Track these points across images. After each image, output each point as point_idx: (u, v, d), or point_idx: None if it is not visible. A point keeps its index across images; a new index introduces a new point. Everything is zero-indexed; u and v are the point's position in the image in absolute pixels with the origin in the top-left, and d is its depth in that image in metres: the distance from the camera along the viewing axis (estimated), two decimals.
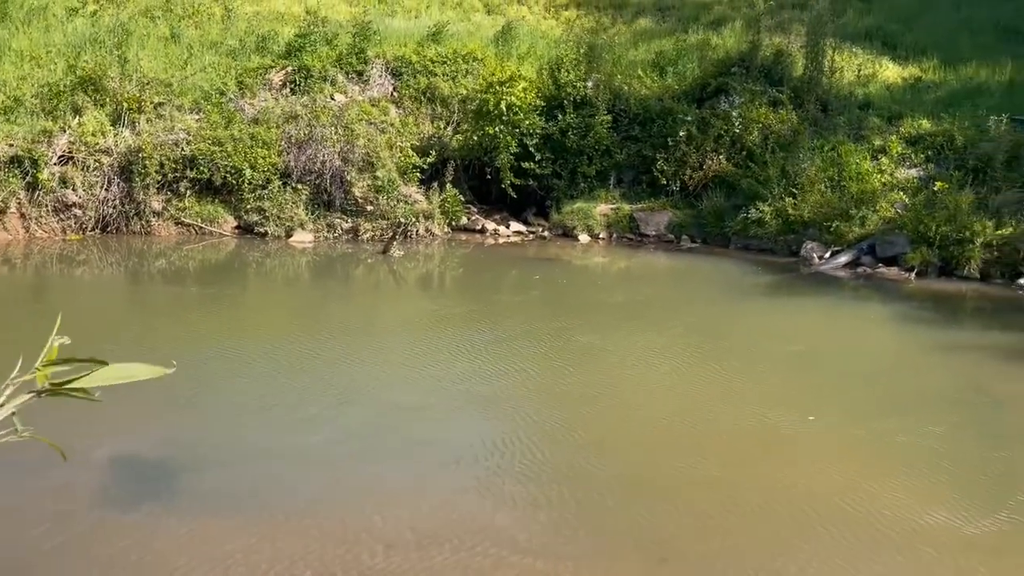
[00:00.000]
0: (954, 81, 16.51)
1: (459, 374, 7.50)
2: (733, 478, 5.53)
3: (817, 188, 13.65)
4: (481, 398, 6.94)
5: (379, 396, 6.96)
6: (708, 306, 10.89)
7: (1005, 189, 12.78)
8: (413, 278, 12.54)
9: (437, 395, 6.99)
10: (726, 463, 5.77)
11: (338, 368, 7.69)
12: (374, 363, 7.97)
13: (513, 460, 5.67)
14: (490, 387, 7.20)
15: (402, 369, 7.73)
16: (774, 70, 15.70)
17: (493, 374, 7.56)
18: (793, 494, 5.31)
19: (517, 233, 15.21)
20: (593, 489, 5.31)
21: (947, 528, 4.89)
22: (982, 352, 8.81)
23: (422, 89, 16.08)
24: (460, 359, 7.96)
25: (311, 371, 7.54)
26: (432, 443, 6.03)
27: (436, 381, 7.33)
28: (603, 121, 15.09)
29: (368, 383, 7.34)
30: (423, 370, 7.63)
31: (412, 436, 6.12)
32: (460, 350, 8.29)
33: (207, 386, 6.94)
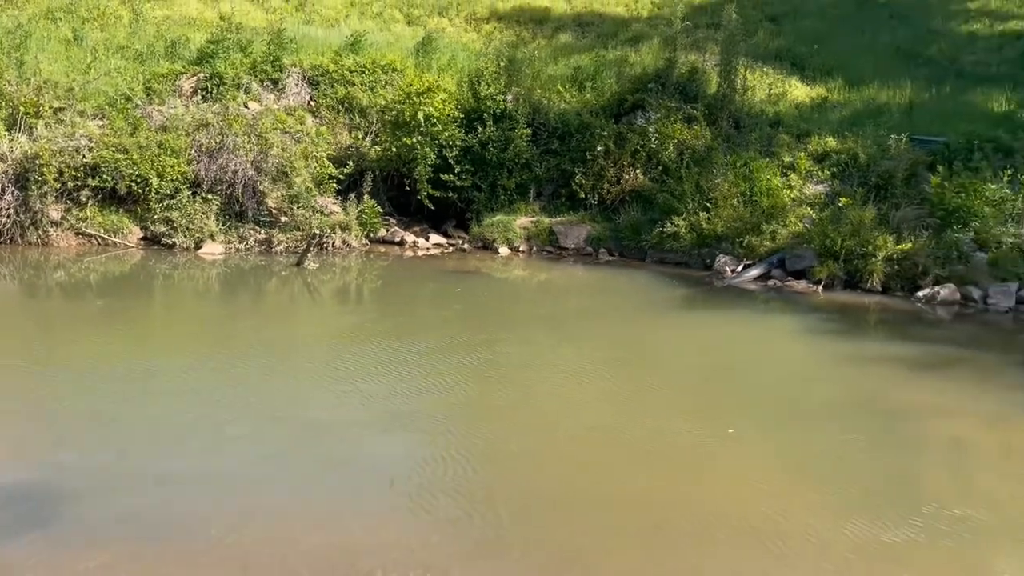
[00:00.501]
0: (858, 101, 17.20)
1: (380, 390, 7.32)
2: (652, 493, 5.53)
3: (730, 203, 13.98)
4: (404, 414, 6.79)
5: (298, 414, 6.72)
6: (626, 319, 10.99)
7: (904, 205, 13.33)
8: (329, 291, 12.27)
9: (358, 412, 6.79)
10: (645, 477, 5.78)
11: (254, 386, 7.42)
12: (292, 380, 7.72)
13: (438, 478, 5.55)
14: (413, 403, 7.06)
15: (322, 386, 7.50)
16: (689, 87, 16.05)
17: (416, 389, 7.42)
18: (708, 508, 5.34)
19: (437, 245, 15.10)
20: (517, 507, 5.25)
21: (860, 540, 4.96)
22: (884, 364, 9.12)
23: (340, 99, 15.84)
24: (381, 375, 7.79)
25: (225, 389, 7.25)
26: (355, 462, 5.86)
27: (357, 398, 7.13)
28: (523, 135, 15.14)
29: (286, 401, 7.09)
30: (343, 387, 7.42)
31: (335, 455, 5.94)
32: (381, 365, 8.12)
33: (113, 407, 6.59)
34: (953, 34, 20.42)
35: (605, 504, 5.36)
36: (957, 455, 6.52)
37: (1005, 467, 6.37)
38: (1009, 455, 6.60)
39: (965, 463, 6.36)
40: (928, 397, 7.89)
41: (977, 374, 8.78)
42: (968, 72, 18.63)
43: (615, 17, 21.58)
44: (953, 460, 6.42)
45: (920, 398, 7.86)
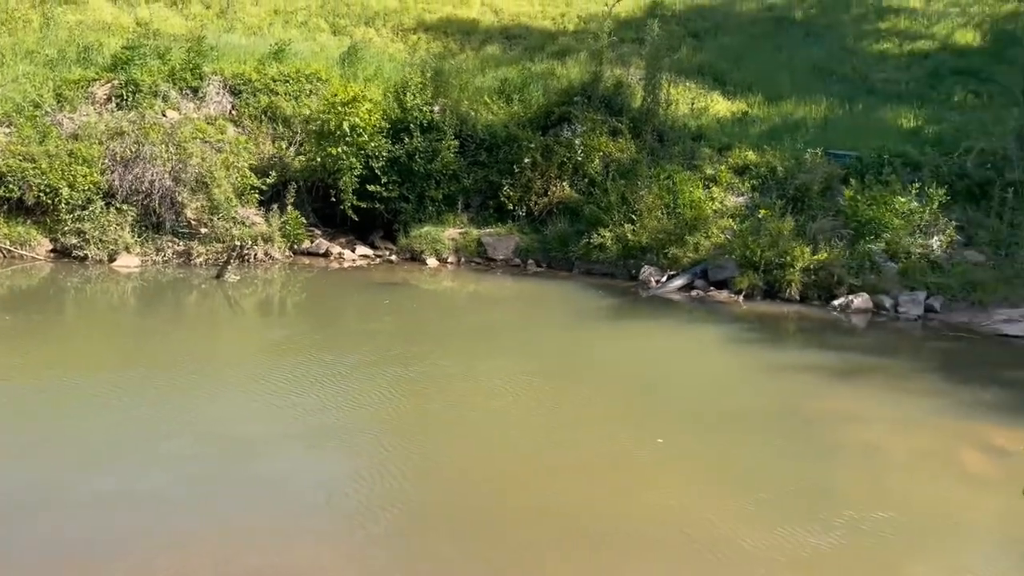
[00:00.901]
0: (776, 116, 17.74)
1: (311, 405, 7.16)
2: (586, 504, 5.53)
3: (654, 214, 14.21)
4: (336, 429, 6.66)
5: (228, 430, 6.50)
6: (555, 330, 11.03)
7: (820, 217, 13.78)
8: (253, 304, 11.97)
9: (290, 427, 6.61)
10: (579, 489, 5.78)
11: (180, 403, 7.16)
12: (219, 396, 7.48)
13: (373, 494, 5.46)
14: (345, 417, 6.93)
15: (251, 401, 7.28)
16: (614, 101, 16.28)
17: (347, 404, 7.28)
18: (641, 518, 5.37)
19: (363, 257, 14.91)
20: (452, 521, 5.21)
21: (788, 545, 5.05)
22: (803, 371, 9.36)
23: (263, 108, 15.53)
24: (311, 389, 7.61)
25: (150, 406, 6.98)
26: (289, 479, 5.70)
27: (288, 413, 6.94)
28: (450, 146, 15.10)
29: (214, 417, 6.85)
30: (273, 402, 7.22)
31: (267, 472, 5.77)
32: (310, 380, 7.94)
33: (32, 425, 6.26)
34: (865, 53, 21.27)
35: (539, 516, 5.34)
36: (871, 460, 6.72)
37: (915, 470, 6.59)
38: (918, 458, 6.84)
39: (879, 467, 6.56)
40: (843, 404, 8.12)
41: (888, 381, 9.10)
42: (879, 89, 19.42)
43: (542, 30, 21.78)
44: (868, 465, 6.61)
45: (836, 405, 8.09)
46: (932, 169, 14.42)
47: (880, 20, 22.87)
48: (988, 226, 13.57)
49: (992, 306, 12.05)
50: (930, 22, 22.35)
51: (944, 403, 8.26)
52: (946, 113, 17.48)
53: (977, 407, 8.15)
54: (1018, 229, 13.37)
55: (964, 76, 19.55)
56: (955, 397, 8.49)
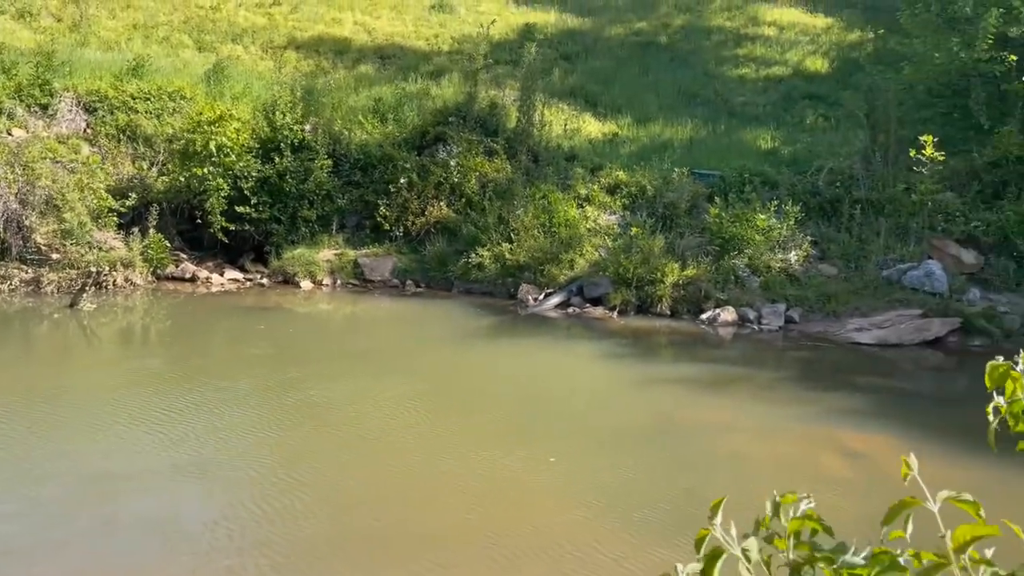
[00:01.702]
0: (645, 137, 18.37)
1: (176, 440, 6.79)
2: (467, 529, 5.47)
3: (531, 233, 14.39)
4: (207, 463, 6.34)
5: (81, 469, 6.05)
6: (437, 351, 10.93)
7: (688, 234, 14.34)
8: (110, 334, 11.28)
9: (157, 462, 6.23)
10: (460, 513, 5.71)
11: (27, 441, 6.60)
12: (70, 433, 6.95)
13: (252, 527, 5.20)
14: (214, 450, 6.60)
15: (106, 438, 6.82)
16: (489, 121, 16.42)
17: (216, 436, 6.94)
18: (530, 537, 5.34)
19: (233, 281, 14.34)
20: (337, 552, 5.03)
21: (658, 567, 5.12)
22: (675, 384, 9.66)
23: (121, 127, 14.76)
24: (177, 423, 7.22)
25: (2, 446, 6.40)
26: (157, 517, 5.34)
27: (154, 448, 6.55)
28: (323, 165, 14.79)
29: (66, 455, 6.36)
30: (132, 438, 6.80)
31: (127, 512, 5.41)
32: (177, 412, 7.52)
33: None
34: (725, 77, 22.38)
35: (425, 542, 5.24)
36: (739, 468, 6.97)
37: (779, 476, 6.88)
38: (782, 465, 7.16)
39: (746, 476, 6.82)
40: (714, 414, 8.43)
41: (754, 391, 9.52)
42: (739, 112, 20.45)
43: (416, 50, 21.75)
44: (736, 473, 6.86)
45: (707, 416, 8.38)
46: (788, 187, 15.28)
47: (738, 47, 24.15)
48: (839, 241, 14.48)
49: (844, 316, 12.84)
50: (783, 49, 23.78)
51: (804, 411, 8.71)
52: (799, 135, 18.60)
53: (833, 413, 8.63)
54: (866, 243, 14.33)
55: (814, 100, 20.88)
56: (814, 405, 8.97)
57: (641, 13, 25.43)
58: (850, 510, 6.20)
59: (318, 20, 22.09)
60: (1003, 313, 12.68)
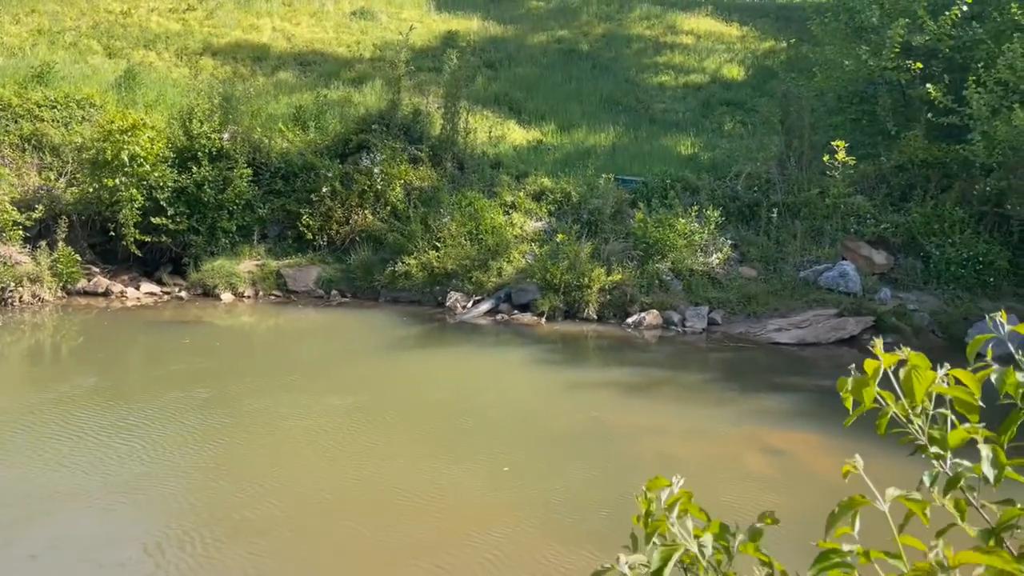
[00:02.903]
0: (569, 144, 18.55)
1: (99, 461, 6.51)
2: (403, 544, 5.37)
3: (458, 241, 14.34)
4: (126, 485, 6.10)
5: (11, 488, 5.72)
6: (366, 361, 10.76)
7: (613, 240, 14.51)
8: (16, 354, 10.73)
9: (75, 484, 5.89)
10: (394, 528, 5.60)
11: None
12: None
13: (175, 557, 4.97)
14: (135, 471, 6.33)
15: (28, 462, 6.43)
16: (413, 128, 16.32)
17: (138, 456, 6.68)
18: (458, 553, 5.28)
19: (149, 295, 13.84)
20: None
21: (589, 569, 5.15)
22: (603, 388, 9.75)
23: (25, 136, 14.11)
24: (101, 443, 6.91)
25: None
26: (76, 543, 5.06)
27: (69, 470, 6.20)
28: (243, 174, 14.44)
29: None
30: (57, 457, 6.43)
31: (65, 533, 5.10)
32: (101, 431, 7.20)
33: None
34: (646, 85, 22.81)
35: (361, 560, 5.11)
36: (668, 469, 7.04)
37: (707, 475, 7.00)
38: (709, 464, 7.28)
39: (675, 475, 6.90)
40: (641, 417, 8.53)
41: (680, 392, 9.68)
42: (660, 119, 20.87)
43: (337, 57, 21.47)
44: (665, 474, 6.92)
45: (635, 419, 8.47)
46: (708, 192, 15.64)
47: (658, 55, 24.65)
48: (758, 244, 14.89)
49: (765, 316, 13.20)
50: (701, 57, 24.39)
51: (729, 411, 8.89)
52: (718, 140, 19.09)
53: (756, 413, 8.84)
54: (783, 246, 14.78)
55: (732, 107, 21.47)
56: (738, 405, 9.17)
57: (563, 21, 25.72)
58: (774, 506, 6.35)
59: (235, 26, 21.60)
60: (912, 311, 13.24)
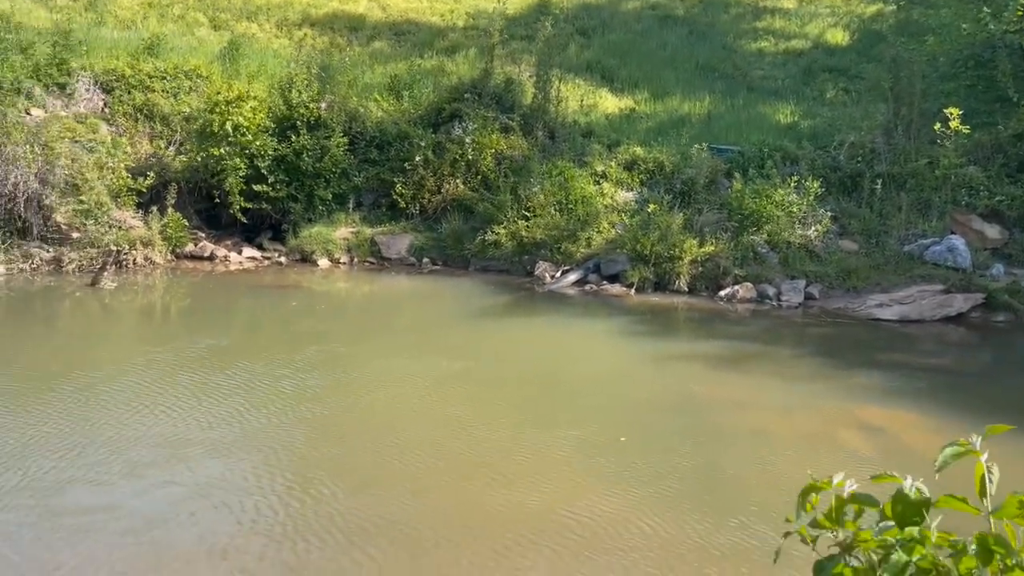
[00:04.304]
0: (662, 112, 18.18)
1: (218, 415, 6.85)
2: (495, 505, 5.48)
3: (547, 211, 14.32)
4: (247, 438, 6.44)
5: (138, 447, 6.14)
6: (456, 328, 10.93)
7: (706, 210, 14.21)
8: (136, 313, 11.36)
9: (174, 450, 6.24)
10: (488, 490, 5.72)
11: (58, 421, 6.65)
12: (98, 414, 6.93)
13: (288, 507, 5.26)
14: (254, 425, 6.65)
15: (156, 416, 6.84)
16: (505, 97, 16.30)
17: (255, 412, 7.00)
18: (544, 516, 5.36)
19: (251, 259, 14.38)
20: (351, 533, 5.05)
21: (691, 541, 5.12)
22: (693, 361, 9.63)
23: (138, 106, 14.78)
24: (214, 399, 7.27)
25: (48, 425, 6.46)
26: (207, 495, 5.40)
27: (173, 432, 6.57)
28: (339, 143, 14.76)
29: (92, 438, 6.39)
30: (157, 421, 6.79)
31: (197, 475, 5.46)
32: (213, 389, 7.57)
33: None
34: (744, 51, 22.08)
35: (453, 518, 5.26)
36: (761, 445, 6.94)
37: (800, 453, 6.86)
38: (802, 441, 7.12)
39: (768, 452, 6.78)
40: (733, 391, 8.39)
41: (773, 367, 9.47)
42: (758, 86, 20.20)
43: (431, 26, 21.59)
44: (758, 450, 6.82)
45: (726, 393, 8.35)
46: (808, 162, 15.09)
47: (757, 20, 23.79)
48: (860, 216, 14.31)
49: (865, 292, 12.72)
50: (803, 22, 23.41)
51: (824, 387, 8.65)
52: (819, 109, 18.35)
53: (854, 389, 8.58)
54: (887, 219, 14.16)
55: (835, 73, 20.57)
56: (834, 381, 8.91)
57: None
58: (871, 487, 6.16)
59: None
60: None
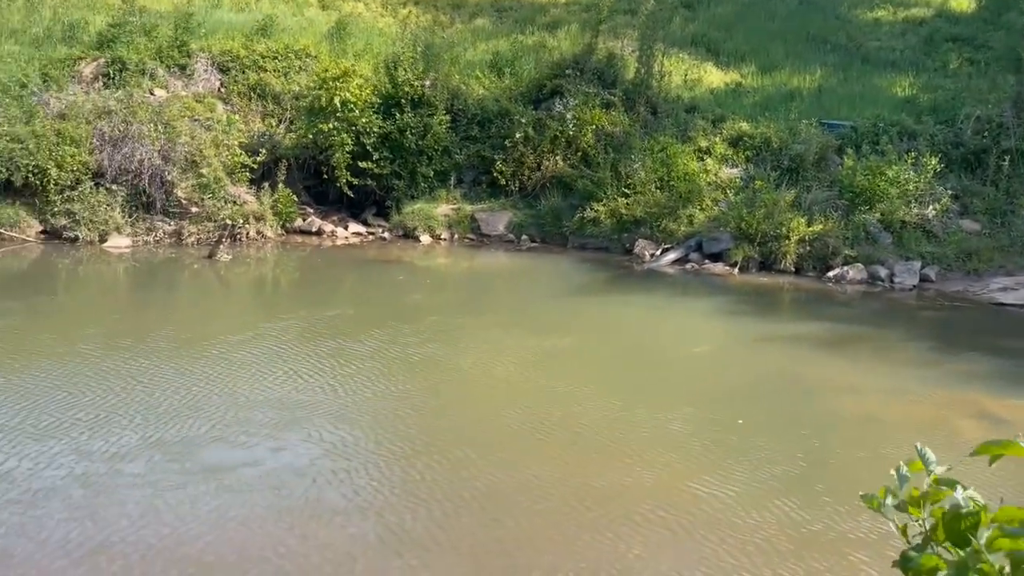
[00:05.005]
0: (770, 86, 17.58)
1: (336, 386, 7.12)
2: (591, 481, 5.52)
3: (648, 188, 14.12)
4: (356, 404, 6.67)
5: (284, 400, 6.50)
6: (556, 305, 10.96)
7: (815, 188, 13.70)
8: (253, 284, 11.89)
9: (308, 412, 6.52)
10: (586, 466, 5.76)
11: (177, 386, 7.03)
12: (216, 380, 7.25)
13: (395, 473, 5.48)
14: (366, 394, 6.91)
15: (269, 385, 7.12)
16: (607, 73, 16.11)
17: (373, 382, 7.24)
18: (645, 495, 5.36)
19: (356, 235, 14.80)
20: (458, 505, 5.17)
21: (801, 528, 5.02)
22: (798, 342, 9.36)
23: (251, 85, 15.35)
24: (323, 367, 7.56)
25: (137, 388, 6.91)
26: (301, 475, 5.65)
27: (307, 396, 6.86)
28: (441, 121, 14.95)
29: (231, 399, 6.76)
30: (295, 386, 7.09)
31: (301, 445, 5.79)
32: (323, 358, 7.86)
33: (86, 399, 6.22)
34: (859, 21, 21.06)
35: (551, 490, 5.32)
36: (869, 430, 6.71)
37: (913, 440, 6.58)
38: (915, 428, 6.83)
39: (877, 438, 6.55)
40: (840, 375, 8.12)
41: (884, 351, 9.10)
42: (873, 57, 19.25)
43: (533, 2, 21.50)
44: (867, 435, 6.60)
45: (833, 375, 8.09)
46: (927, 138, 14.34)
47: None
48: (984, 195, 13.52)
49: (987, 275, 12.04)
50: None
51: (939, 373, 8.27)
52: (941, 81, 17.34)
53: (972, 377, 8.16)
54: (1014, 197, 13.32)
55: (959, 43, 19.37)
56: (950, 367, 8.49)
57: None
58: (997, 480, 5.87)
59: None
60: None
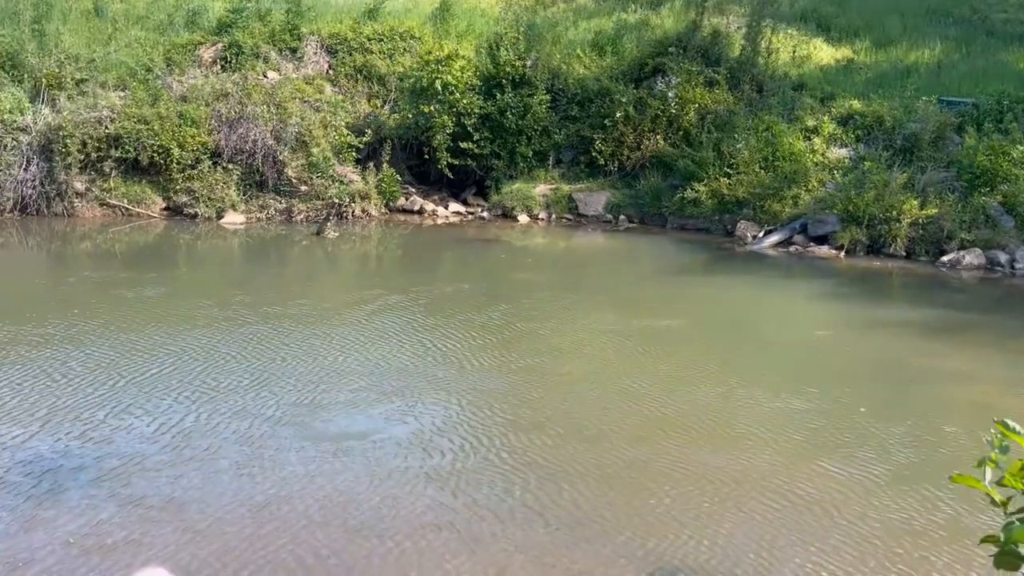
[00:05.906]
0: (884, 62, 16.84)
1: (433, 360, 7.29)
2: (692, 463, 5.55)
3: (752, 168, 13.81)
4: (448, 382, 6.82)
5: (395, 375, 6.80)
6: (656, 286, 10.91)
7: (931, 168, 13.09)
8: (360, 259, 12.31)
9: (413, 381, 6.81)
10: (689, 447, 5.78)
11: (323, 352, 7.38)
12: (334, 352, 7.49)
13: (495, 447, 5.65)
14: (457, 371, 7.08)
15: (384, 356, 7.40)
16: (711, 51, 15.79)
17: (480, 357, 7.41)
18: (743, 478, 5.36)
19: (456, 214, 15.08)
20: (563, 481, 5.27)
21: (914, 520, 4.90)
22: (907, 328, 9.04)
23: (358, 67, 15.78)
24: (417, 346, 7.77)
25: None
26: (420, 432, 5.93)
27: (421, 366, 7.11)
28: (541, 101, 15.01)
29: (343, 369, 7.11)
30: (412, 355, 7.37)
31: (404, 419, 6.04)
32: (422, 335, 8.06)
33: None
34: None
35: (649, 469, 5.38)
36: (982, 421, 6.44)
37: None
38: None
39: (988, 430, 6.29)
40: (951, 362, 7.81)
41: (1001, 339, 8.68)
42: (999, 31, 18.17)
43: None
44: (979, 426, 6.34)
45: (943, 363, 7.79)
46: None
47: None
48: None
49: None
50: None
51: None
52: None
53: None
54: None
55: None
56: None
57: None
58: None
59: None
60: None
